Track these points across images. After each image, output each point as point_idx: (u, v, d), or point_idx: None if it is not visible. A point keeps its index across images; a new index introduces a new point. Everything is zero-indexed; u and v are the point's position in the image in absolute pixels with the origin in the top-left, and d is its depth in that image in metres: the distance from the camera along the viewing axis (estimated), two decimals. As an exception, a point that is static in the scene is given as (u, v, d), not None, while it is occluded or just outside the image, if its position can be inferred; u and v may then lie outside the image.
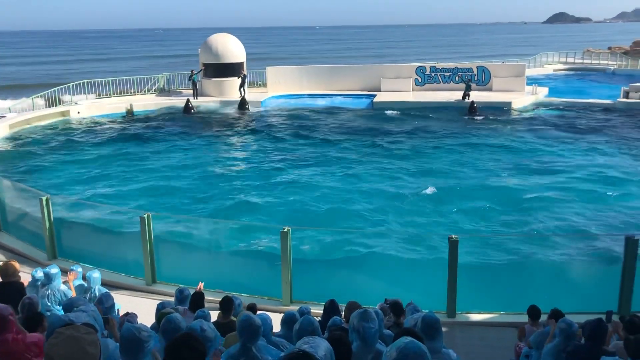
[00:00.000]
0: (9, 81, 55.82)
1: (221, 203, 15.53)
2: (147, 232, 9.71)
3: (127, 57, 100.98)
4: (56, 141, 23.05)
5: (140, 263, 10.03)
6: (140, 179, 17.75)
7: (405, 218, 14.19)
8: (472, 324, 8.60)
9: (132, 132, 24.65)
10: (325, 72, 34.32)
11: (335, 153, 20.81)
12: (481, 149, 20.98)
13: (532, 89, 31.69)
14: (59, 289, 7.07)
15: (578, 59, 51.43)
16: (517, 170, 18.23)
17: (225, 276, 10.03)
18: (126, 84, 31.90)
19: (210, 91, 31.67)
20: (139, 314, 6.50)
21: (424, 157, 19.98)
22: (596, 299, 8.72)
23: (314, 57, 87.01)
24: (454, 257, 8.38)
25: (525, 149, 21.08)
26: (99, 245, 11.19)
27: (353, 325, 3.77)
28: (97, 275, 7.52)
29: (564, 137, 22.70)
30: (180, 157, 20.52)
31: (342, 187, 16.61)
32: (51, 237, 11.03)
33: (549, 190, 16.03)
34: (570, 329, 4.96)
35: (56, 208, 11.35)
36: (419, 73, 33.43)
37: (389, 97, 31.02)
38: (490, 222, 13.78)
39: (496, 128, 24.68)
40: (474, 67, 33.24)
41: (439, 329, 3.91)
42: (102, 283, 7.77)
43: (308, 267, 10.28)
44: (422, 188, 16.36)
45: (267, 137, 23.80)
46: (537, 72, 44.11)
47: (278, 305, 9.03)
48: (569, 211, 14.42)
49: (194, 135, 24.19)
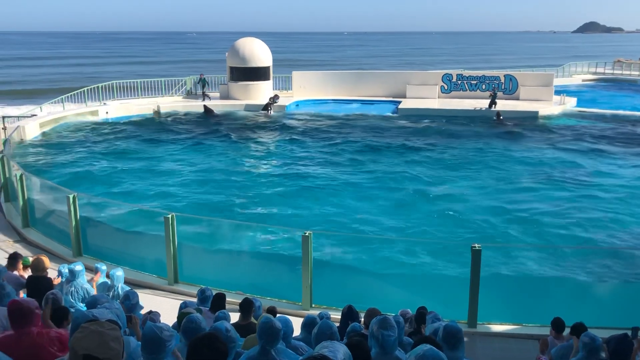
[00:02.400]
0: (41, 84, 57.07)
1: (243, 205, 15.63)
2: (171, 232, 9.82)
3: (156, 60, 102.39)
4: (84, 140, 23.48)
5: (162, 262, 10.14)
6: (165, 180, 17.96)
7: (428, 226, 14.09)
8: (493, 335, 8.50)
9: (158, 133, 24.98)
10: (350, 77, 34.36)
11: (358, 158, 20.78)
12: (506, 158, 20.74)
13: (560, 99, 31.25)
14: (82, 286, 7.19)
15: (608, 69, 50.61)
16: (543, 180, 17.97)
17: (246, 278, 10.08)
18: (154, 86, 32.36)
19: (237, 94, 31.95)
20: (161, 313, 6.57)
21: (448, 165, 19.82)
22: (621, 314, 8.54)
23: (340, 62, 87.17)
24: (477, 266, 8.30)
25: (551, 159, 20.77)
26: (123, 243, 11.33)
27: (372, 332, 3.76)
28: (121, 274, 7.63)
29: (592, 149, 22.33)
30: (204, 159, 20.72)
31: (365, 193, 16.58)
32: (77, 235, 11.22)
33: (575, 201, 15.78)
34: (593, 344, 4.87)
35: (82, 206, 11.56)
36: (445, 80, 33.23)
37: (414, 103, 30.91)
38: (514, 232, 13.61)
39: (522, 137, 24.38)
40: (501, 76, 32.93)
41: (461, 338, 3.88)
42: (125, 281, 7.88)
43: (329, 271, 10.27)
44: (445, 196, 16.25)
45: (290, 141, 23.89)
46: (566, 81, 43.49)
47: (298, 309, 9.04)
48: (594, 224, 14.16)
49: (217, 137, 24.40)
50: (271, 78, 32.97)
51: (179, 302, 7.46)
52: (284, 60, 69.19)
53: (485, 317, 8.67)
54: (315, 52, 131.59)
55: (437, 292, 9.41)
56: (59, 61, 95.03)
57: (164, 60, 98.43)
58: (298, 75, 34.06)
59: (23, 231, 12.82)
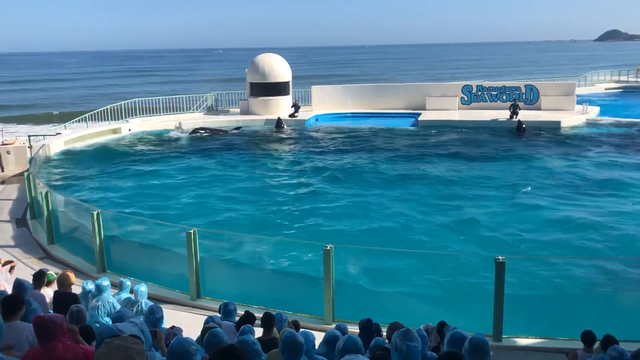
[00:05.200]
0: (69, 99, 58.18)
1: (264, 220, 15.65)
2: (193, 247, 9.87)
3: (180, 76, 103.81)
4: (108, 157, 23.82)
5: (185, 278, 10.19)
6: (187, 195, 18.10)
7: (450, 238, 13.96)
8: (519, 349, 8.35)
9: (179, 149, 25.25)
10: (369, 90, 34.42)
11: (378, 171, 20.73)
12: (529, 169, 20.50)
13: (582, 108, 30.83)
14: (108, 301, 7.26)
15: (632, 77, 49.87)
16: (567, 191, 17.71)
17: (268, 293, 10.07)
18: (176, 102, 32.77)
19: (257, 110, 32.20)
20: (184, 328, 6.59)
21: (470, 177, 19.65)
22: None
23: (361, 75, 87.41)
24: (501, 278, 8.18)
25: (575, 169, 20.47)
26: (146, 259, 11.41)
27: (396, 345, 3.71)
28: (144, 289, 7.68)
29: (617, 158, 21.97)
30: (226, 175, 20.84)
31: (386, 206, 16.50)
32: (101, 251, 11.35)
33: (601, 212, 15.49)
34: (622, 358, 4.75)
35: (106, 222, 11.69)
36: (465, 92, 33.08)
37: (434, 115, 30.79)
38: (538, 243, 13.40)
39: (545, 148, 24.09)
40: (522, 86, 32.67)
41: (487, 351, 3.81)
42: (148, 297, 7.93)
43: (351, 286, 10.21)
44: (468, 208, 16.10)
45: (310, 155, 23.94)
46: (588, 90, 42.93)
47: (320, 324, 9.00)
48: (621, 234, 13.87)
49: (238, 153, 24.55)
50: (291, 93, 33.20)
51: (201, 317, 7.49)
52: (304, 76, 69.63)
53: (511, 331, 8.53)
54: (338, 67, 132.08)
55: (461, 305, 9.29)
56: (81, 82, 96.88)
57: (186, 79, 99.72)
58: (317, 90, 34.24)
59: (48, 248, 13.02)
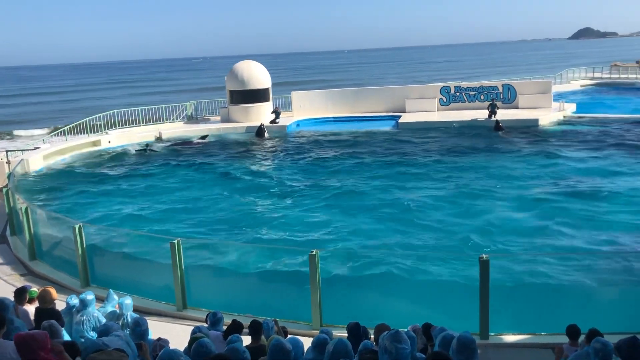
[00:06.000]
0: (42, 114, 57.52)
1: (249, 227, 15.60)
2: (178, 257, 9.81)
3: (160, 86, 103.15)
4: (88, 170, 23.57)
5: (171, 289, 10.11)
6: (169, 206, 17.97)
7: (434, 238, 14.05)
8: (506, 346, 8.42)
9: (160, 159, 25.08)
10: (349, 94, 34.55)
11: (361, 175, 20.79)
12: (508, 167, 20.72)
13: (559, 106, 31.30)
14: (93, 315, 7.18)
15: (605, 74, 50.75)
16: (547, 187, 17.94)
17: (255, 300, 10.04)
18: (156, 113, 32.54)
19: (237, 117, 32.13)
20: (170, 340, 6.53)
21: (451, 177, 19.80)
22: (636, 319, 8.47)
23: (341, 79, 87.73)
24: (485, 277, 8.26)
25: (554, 166, 20.75)
26: (130, 271, 11.31)
27: (385, 347, 3.72)
28: (129, 302, 7.61)
29: (594, 154, 22.31)
30: (207, 183, 20.74)
31: (370, 209, 16.55)
32: (84, 265, 11.23)
33: (579, 207, 15.72)
34: (606, 349, 4.82)
35: (88, 236, 11.57)
36: (444, 93, 33.36)
37: (414, 117, 31.02)
38: (521, 240, 13.55)
39: (523, 146, 24.38)
40: (499, 85, 33.05)
41: (475, 349, 3.84)
42: (134, 309, 7.85)
43: (338, 290, 10.22)
44: (450, 208, 16.22)
45: (292, 160, 23.95)
46: (564, 88, 43.55)
47: (308, 329, 8.99)
48: (601, 229, 14.10)
49: (220, 161, 24.47)
50: (271, 99, 33.20)
51: (187, 328, 7.44)
52: (284, 82, 69.65)
53: (497, 329, 8.60)
54: (318, 72, 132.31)
55: (447, 305, 9.35)
56: (58, 96, 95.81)
57: (166, 89, 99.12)
58: (297, 95, 34.28)
59: (30, 264, 12.83)
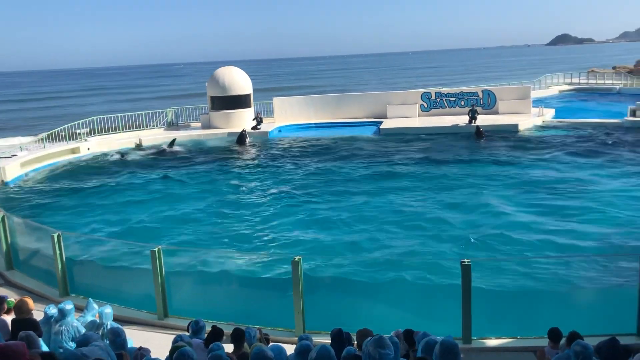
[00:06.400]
0: (20, 121, 56.73)
1: (231, 234, 15.52)
2: (158, 265, 9.70)
3: (140, 92, 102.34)
4: (67, 178, 23.27)
5: (151, 297, 9.99)
6: (150, 213, 17.80)
7: (417, 243, 14.10)
8: (488, 350, 8.46)
9: (140, 167, 24.86)
10: (331, 101, 34.62)
11: (343, 181, 20.84)
12: (489, 173, 20.92)
13: (538, 111, 31.72)
14: (72, 325, 7.06)
15: (583, 80, 51.56)
16: (527, 192, 18.14)
17: (237, 308, 9.96)
18: (136, 119, 32.27)
19: (218, 123, 32.01)
20: (151, 349, 6.46)
21: (432, 183, 19.93)
22: (615, 321, 8.57)
23: (323, 86, 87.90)
24: (467, 281, 8.30)
25: (534, 170, 21.01)
26: (110, 280, 11.16)
27: (369, 353, 3.71)
28: (109, 311, 7.50)
29: (572, 158, 22.63)
30: (188, 191, 20.58)
31: (352, 215, 16.56)
32: (63, 274, 11.04)
33: (560, 211, 15.92)
34: (586, 352, 4.87)
35: (68, 244, 11.39)
36: (425, 99, 33.61)
37: (395, 123, 31.19)
38: (502, 245, 13.66)
39: (503, 151, 24.65)
40: (479, 91, 33.39)
41: (458, 353, 3.84)
42: (114, 318, 7.75)
43: (321, 296, 10.18)
44: (431, 213, 16.31)
45: (274, 167, 23.91)
46: (543, 93, 44.15)
47: (291, 336, 8.94)
48: (580, 233, 14.28)
49: (201, 167, 24.34)
50: (252, 105, 33.14)
51: (168, 337, 7.36)
52: (265, 89, 69.58)
53: (480, 332, 8.64)
54: (300, 79, 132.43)
55: (430, 309, 9.37)
56: (36, 103, 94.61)
57: (146, 96, 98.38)
58: (279, 101, 34.27)
59: (7, 273, 12.57)
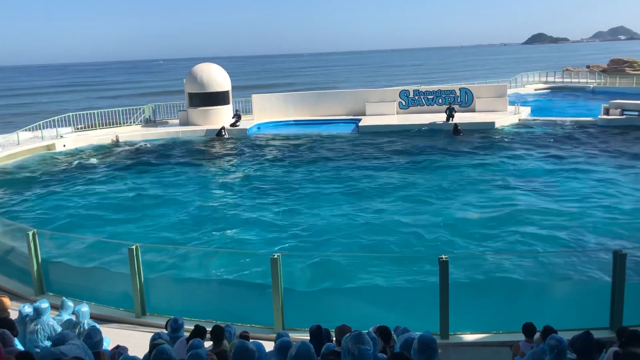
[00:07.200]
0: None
1: (210, 232, 15.44)
2: (136, 263, 9.62)
3: (118, 89, 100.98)
4: (42, 175, 22.90)
5: (129, 295, 9.91)
6: (127, 211, 17.62)
7: (395, 240, 14.19)
8: (466, 345, 8.56)
9: (117, 164, 24.58)
10: (310, 98, 34.62)
11: (322, 178, 20.87)
12: (466, 170, 21.14)
13: (514, 109, 32.14)
14: (48, 324, 6.97)
15: (558, 78, 52.38)
16: (503, 189, 18.37)
17: (216, 305, 9.93)
18: (112, 116, 31.89)
19: (196, 120, 31.79)
20: (129, 347, 6.41)
21: (410, 180, 20.07)
22: (589, 315, 8.74)
23: (302, 83, 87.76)
24: (445, 277, 8.38)
25: (510, 167, 21.28)
26: (87, 278, 11.02)
27: (348, 348, 3.74)
28: (86, 310, 7.43)
29: (547, 155, 22.98)
30: (166, 188, 20.43)
31: (330, 212, 16.61)
32: (38, 272, 10.88)
33: (535, 207, 16.16)
34: (560, 345, 4.97)
35: (43, 242, 11.22)
36: (403, 96, 33.80)
37: (374, 120, 31.32)
38: (478, 241, 13.82)
39: (480, 148, 24.92)
40: (457, 89, 33.70)
41: (436, 349, 3.90)
42: (91, 317, 7.68)
43: (299, 293, 10.21)
44: (409, 209, 16.43)
45: (253, 164, 23.85)
46: (519, 91, 44.80)
47: (270, 333, 8.94)
48: (555, 228, 14.51)
49: (179, 165, 24.15)
50: (231, 102, 32.97)
51: (146, 335, 7.32)
52: (245, 86, 69.21)
53: (458, 328, 8.74)
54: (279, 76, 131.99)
55: (407, 306, 9.45)
56: (10, 99, 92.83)
57: (123, 93, 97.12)
58: (258, 98, 34.16)
59: (-20, 272, 12.35)
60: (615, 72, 53.31)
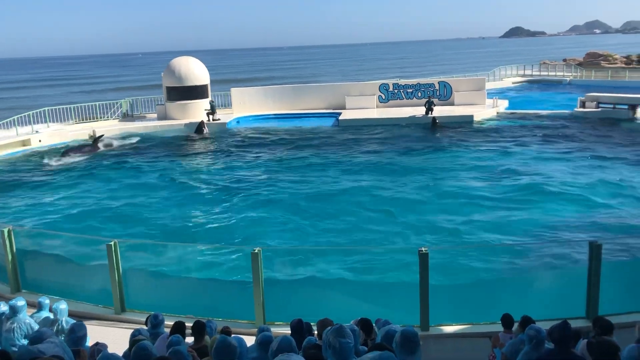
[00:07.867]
0: (-34, 111, 54.40)
1: (189, 227, 15.36)
2: (115, 259, 9.52)
3: (95, 83, 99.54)
4: (17, 171, 22.52)
5: (108, 291, 9.81)
6: (106, 207, 17.42)
7: (375, 232, 14.26)
8: (446, 336, 8.65)
9: (95, 159, 24.27)
10: (290, 91, 34.52)
11: (302, 172, 20.85)
12: (444, 163, 21.30)
13: (492, 102, 32.42)
14: (24, 322, 6.87)
15: (535, 71, 52.92)
16: (482, 181, 18.55)
17: (197, 300, 9.88)
18: (90, 110, 31.44)
19: (175, 114, 31.50)
20: (109, 344, 6.36)
21: (389, 173, 20.16)
22: (566, 305, 8.88)
23: (282, 77, 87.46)
24: (425, 269, 8.44)
25: (489, 160, 21.49)
26: (65, 275, 10.88)
27: (328, 342, 3.75)
28: (64, 307, 7.32)
29: (525, 148, 23.25)
30: (145, 182, 20.24)
31: (311, 206, 16.62)
32: (14, 269, 10.71)
33: (513, 200, 16.36)
34: (539, 335, 5.04)
35: (19, 239, 11.04)
36: (383, 90, 33.88)
37: (354, 114, 31.35)
38: (458, 233, 13.95)
39: (459, 141, 25.11)
40: (436, 83, 33.87)
41: (418, 342, 3.91)
42: (70, 314, 7.57)
43: (280, 287, 10.21)
44: (388, 202, 16.50)
45: (233, 158, 23.74)
46: (497, 85, 45.18)
47: (251, 328, 8.92)
48: (533, 219, 14.72)
49: (157, 159, 23.94)
50: (209, 96, 32.72)
51: (126, 332, 7.25)
52: (224, 80, 68.74)
53: (438, 320, 8.82)
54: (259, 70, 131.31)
55: (388, 298, 9.51)
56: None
57: (101, 88, 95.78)
58: (237, 92, 33.96)
59: (-45, 270, 12.12)
60: (591, 66, 54.09)
